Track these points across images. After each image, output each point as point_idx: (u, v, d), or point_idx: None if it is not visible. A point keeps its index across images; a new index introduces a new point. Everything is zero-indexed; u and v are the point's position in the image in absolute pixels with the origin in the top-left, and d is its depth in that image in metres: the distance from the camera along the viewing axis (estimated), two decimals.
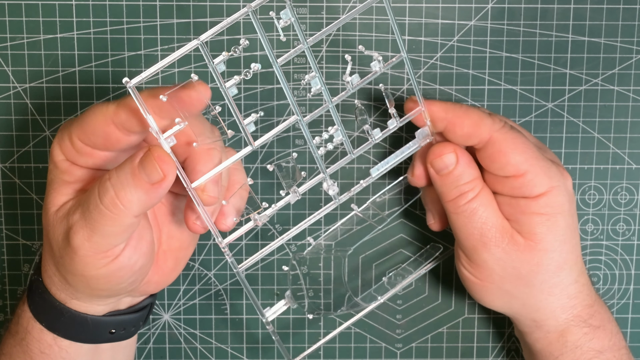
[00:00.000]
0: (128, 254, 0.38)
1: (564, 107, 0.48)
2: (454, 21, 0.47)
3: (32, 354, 0.41)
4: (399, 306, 0.51)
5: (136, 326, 0.44)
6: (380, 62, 0.39)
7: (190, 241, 0.43)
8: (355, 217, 0.46)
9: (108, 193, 0.36)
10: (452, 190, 0.42)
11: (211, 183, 0.38)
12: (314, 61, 0.37)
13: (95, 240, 0.37)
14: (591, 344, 0.43)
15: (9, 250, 0.49)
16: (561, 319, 0.43)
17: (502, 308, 0.44)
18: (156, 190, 0.36)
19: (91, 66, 0.47)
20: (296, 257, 0.46)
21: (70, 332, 0.41)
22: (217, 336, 0.51)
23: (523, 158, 0.41)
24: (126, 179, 0.35)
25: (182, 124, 0.35)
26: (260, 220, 0.40)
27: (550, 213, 0.41)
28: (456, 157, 0.42)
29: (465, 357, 0.51)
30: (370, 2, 0.37)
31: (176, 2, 0.47)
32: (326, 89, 0.38)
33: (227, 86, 0.36)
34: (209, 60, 0.35)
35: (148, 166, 0.35)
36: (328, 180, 0.41)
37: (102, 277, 0.38)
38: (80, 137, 0.38)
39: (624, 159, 0.49)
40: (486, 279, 0.43)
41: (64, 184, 0.39)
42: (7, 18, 0.47)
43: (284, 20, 0.36)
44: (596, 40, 0.48)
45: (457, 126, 0.41)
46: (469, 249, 0.42)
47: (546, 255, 0.42)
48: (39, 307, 0.41)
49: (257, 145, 0.38)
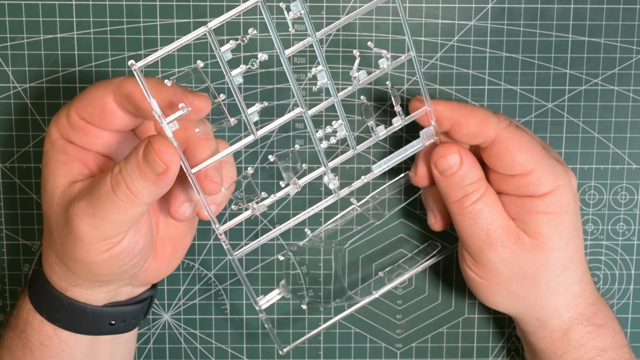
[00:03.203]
0: (129, 236, 0.38)
1: (564, 107, 0.48)
2: (454, 21, 0.47)
3: (32, 345, 0.41)
4: (399, 306, 0.51)
5: (136, 318, 0.44)
6: (389, 59, 0.39)
7: (188, 229, 0.43)
8: (355, 213, 0.46)
9: (120, 185, 0.36)
10: (457, 191, 0.42)
11: (213, 169, 0.38)
12: (321, 54, 0.37)
13: (103, 228, 0.37)
14: (594, 343, 0.43)
15: (9, 250, 0.49)
16: (566, 317, 0.43)
17: (508, 308, 0.44)
18: (163, 180, 0.36)
19: (91, 66, 0.47)
20: (292, 247, 0.46)
21: (69, 322, 0.41)
22: (217, 336, 0.51)
23: (529, 157, 0.41)
24: (134, 171, 0.36)
25: (186, 109, 0.35)
26: (258, 210, 0.41)
27: (557, 212, 0.41)
28: (460, 157, 0.42)
29: (465, 357, 0.51)
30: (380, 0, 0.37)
31: (176, 2, 0.47)
32: (332, 83, 0.38)
33: (232, 74, 0.36)
34: (217, 48, 0.35)
35: (150, 159, 0.36)
36: (329, 173, 0.41)
37: (105, 261, 0.38)
38: (77, 109, 0.38)
39: (624, 159, 0.49)
40: (492, 279, 0.43)
41: (59, 165, 0.39)
42: (7, 18, 0.47)
43: (294, 12, 0.36)
44: (596, 40, 0.48)
45: (463, 125, 0.41)
46: (475, 250, 0.42)
47: (552, 254, 0.41)
48: (39, 297, 0.41)
49: (259, 134, 0.38)
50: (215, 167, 0.38)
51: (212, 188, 0.38)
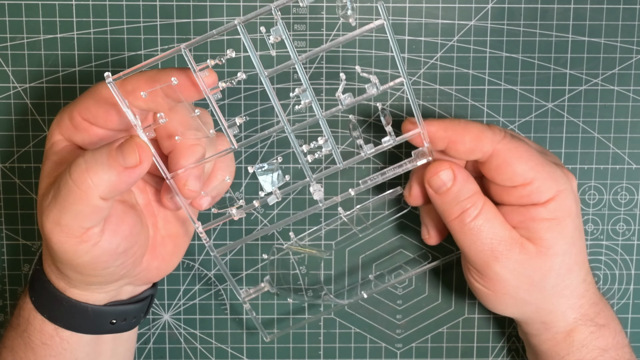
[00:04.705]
0: (108, 238, 0.38)
1: (564, 107, 0.48)
2: (454, 21, 0.47)
3: (34, 345, 0.41)
4: (399, 306, 0.51)
5: (137, 317, 0.44)
6: (376, 85, 0.38)
7: (187, 227, 0.43)
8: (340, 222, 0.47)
9: (79, 167, 0.36)
10: (454, 207, 0.42)
11: (193, 178, 0.39)
12: (304, 76, 0.37)
13: (64, 222, 0.37)
14: (596, 343, 0.43)
15: (9, 250, 0.49)
16: (570, 319, 0.43)
17: (514, 314, 0.44)
18: (128, 174, 0.36)
19: (91, 66, 0.47)
20: (276, 246, 0.47)
21: (71, 322, 0.41)
22: (217, 336, 0.51)
23: (529, 166, 0.41)
24: (101, 157, 0.36)
25: (162, 120, 0.37)
26: (236, 215, 0.41)
27: (560, 217, 0.41)
28: (453, 173, 0.41)
29: (465, 357, 0.51)
30: (369, 27, 0.36)
31: (176, 2, 0.47)
32: (316, 102, 0.38)
33: (210, 92, 0.37)
34: (193, 68, 0.36)
35: (127, 149, 0.36)
36: (314, 185, 0.41)
37: (88, 264, 0.38)
38: (81, 111, 0.38)
39: (624, 159, 0.49)
40: (500, 290, 0.42)
41: (53, 165, 0.39)
42: (7, 18, 0.47)
43: (274, 37, 0.36)
44: (596, 40, 0.48)
45: (458, 143, 0.41)
46: (481, 264, 0.42)
47: (557, 259, 0.41)
48: (40, 297, 0.41)
49: (238, 146, 0.39)
50: (196, 175, 0.39)
51: (190, 196, 0.39)
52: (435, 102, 0.48)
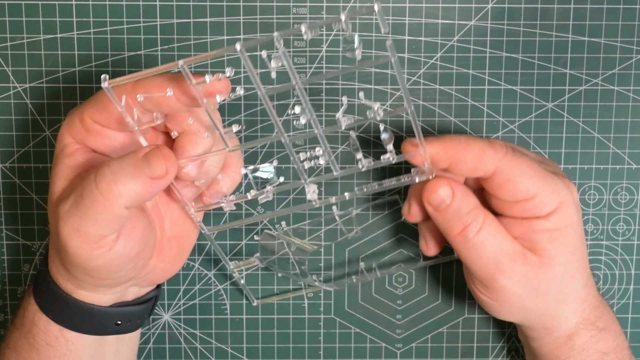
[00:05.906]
0: (123, 242, 0.38)
1: (564, 107, 0.48)
2: (454, 21, 0.47)
3: (38, 346, 0.41)
4: (399, 306, 0.51)
5: (141, 318, 0.44)
6: (377, 111, 0.37)
7: (194, 227, 0.43)
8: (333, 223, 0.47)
9: (106, 177, 0.36)
10: (455, 223, 0.41)
11: (193, 165, 0.39)
12: (304, 96, 0.37)
13: (84, 229, 0.37)
14: (597, 346, 0.43)
15: (9, 250, 0.49)
16: (572, 323, 0.43)
17: (518, 320, 0.44)
18: (154, 185, 0.36)
19: (91, 66, 0.47)
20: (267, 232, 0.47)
21: (76, 323, 0.41)
22: (217, 336, 0.51)
23: (531, 182, 0.40)
24: (127, 167, 0.36)
25: (158, 120, 0.38)
26: (227, 207, 0.42)
27: (562, 227, 0.41)
28: (451, 189, 0.41)
29: (465, 357, 0.51)
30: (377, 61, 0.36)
31: (176, 2, 0.47)
32: (316, 121, 0.38)
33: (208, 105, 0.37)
34: (190, 82, 0.36)
35: (153, 160, 0.36)
36: (309, 185, 0.41)
37: (101, 267, 0.38)
38: (92, 114, 0.38)
39: (624, 159, 0.49)
40: (506, 301, 0.42)
41: (66, 168, 0.39)
42: (7, 18, 0.47)
43: (275, 62, 0.35)
44: (596, 40, 0.48)
45: (460, 163, 0.40)
46: (486, 278, 0.42)
47: (560, 267, 0.41)
48: (45, 298, 0.41)
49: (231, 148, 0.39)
50: (197, 164, 0.39)
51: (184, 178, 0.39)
52: (435, 102, 0.48)
